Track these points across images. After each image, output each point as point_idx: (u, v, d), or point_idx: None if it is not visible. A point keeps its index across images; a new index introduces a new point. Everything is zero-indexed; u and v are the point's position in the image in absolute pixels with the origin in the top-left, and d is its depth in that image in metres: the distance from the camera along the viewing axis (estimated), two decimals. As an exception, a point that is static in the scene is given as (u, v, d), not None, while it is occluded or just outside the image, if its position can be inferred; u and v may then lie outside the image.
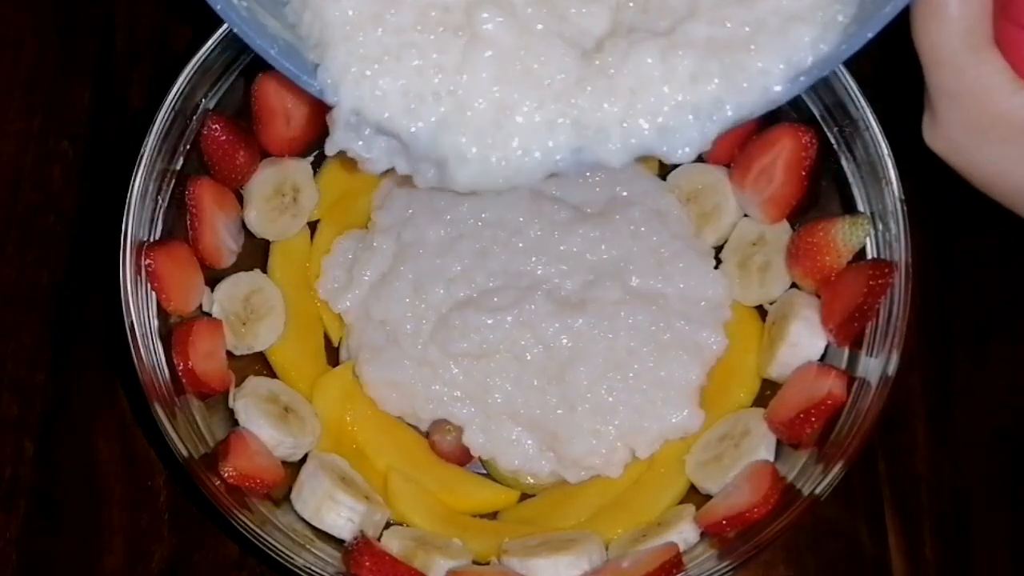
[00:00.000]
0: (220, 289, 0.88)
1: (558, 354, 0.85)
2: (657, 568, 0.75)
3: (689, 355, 0.86)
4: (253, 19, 0.62)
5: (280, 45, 0.62)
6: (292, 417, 0.85)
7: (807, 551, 0.89)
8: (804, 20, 0.59)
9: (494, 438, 0.87)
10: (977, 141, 0.60)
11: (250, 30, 0.62)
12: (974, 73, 0.58)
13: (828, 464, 0.77)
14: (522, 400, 0.86)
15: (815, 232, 0.84)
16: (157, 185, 0.83)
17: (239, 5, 0.62)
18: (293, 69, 0.62)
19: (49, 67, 1.04)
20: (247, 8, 0.62)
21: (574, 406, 0.85)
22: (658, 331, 0.86)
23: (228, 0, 0.61)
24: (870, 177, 0.82)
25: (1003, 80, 0.58)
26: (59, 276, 0.98)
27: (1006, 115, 0.58)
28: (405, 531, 0.83)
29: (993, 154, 0.60)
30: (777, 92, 0.60)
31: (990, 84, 0.58)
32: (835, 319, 0.82)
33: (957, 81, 0.59)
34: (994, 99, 0.58)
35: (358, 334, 0.89)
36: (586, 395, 0.85)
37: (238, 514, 0.76)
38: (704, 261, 0.89)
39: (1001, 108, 0.58)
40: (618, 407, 0.85)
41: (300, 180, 0.92)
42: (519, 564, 0.80)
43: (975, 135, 0.60)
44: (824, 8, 0.59)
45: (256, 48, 0.62)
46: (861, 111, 0.81)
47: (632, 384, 0.85)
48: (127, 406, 0.94)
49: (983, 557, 0.89)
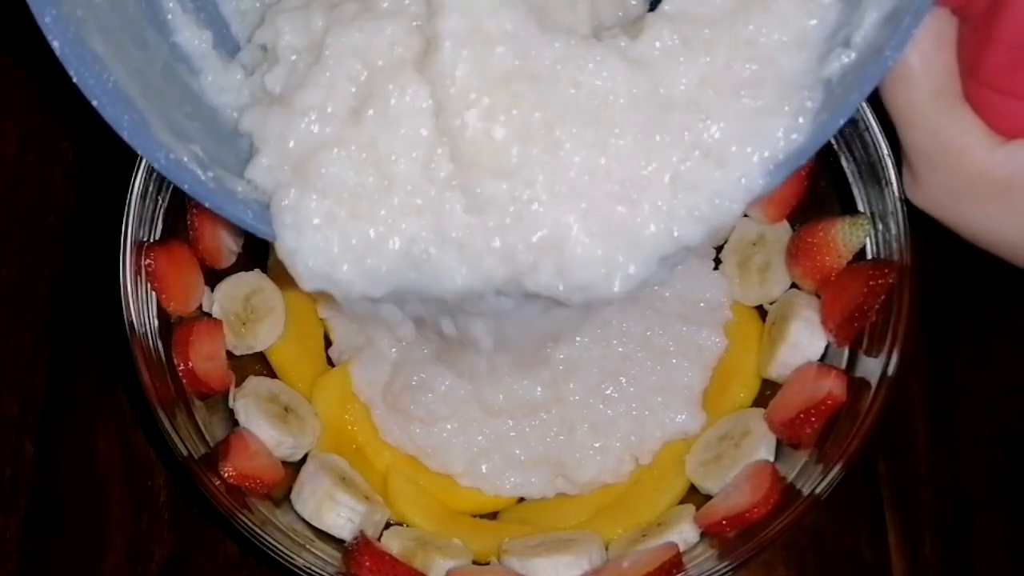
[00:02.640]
0: (220, 289, 0.88)
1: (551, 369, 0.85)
2: (657, 568, 0.75)
3: (690, 361, 0.86)
4: (220, 187, 0.61)
5: (254, 209, 0.61)
6: (292, 417, 0.85)
7: (807, 551, 0.89)
8: (773, 113, 0.58)
9: (496, 486, 0.87)
10: (959, 199, 0.60)
11: (222, 201, 0.60)
12: (949, 133, 0.58)
13: (828, 464, 0.77)
14: (519, 438, 0.85)
15: (815, 232, 0.84)
16: (157, 185, 0.83)
17: (207, 179, 0.60)
18: (268, 231, 0.61)
19: (49, 67, 1.04)
20: (214, 179, 0.61)
21: (573, 428, 0.85)
22: (654, 336, 0.86)
23: (196, 177, 0.60)
24: (870, 177, 0.82)
25: (979, 138, 0.58)
26: (59, 276, 0.98)
27: (985, 173, 0.58)
28: (405, 531, 0.84)
29: (975, 211, 0.60)
30: (756, 192, 0.58)
31: (966, 143, 0.58)
32: (835, 319, 0.82)
33: (933, 141, 0.59)
34: (971, 158, 0.58)
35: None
36: (583, 412, 0.85)
37: (238, 514, 0.76)
38: (703, 262, 0.89)
39: (980, 167, 0.58)
40: (618, 420, 0.85)
41: (300, 180, 0.92)
42: (519, 564, 0.80)
43: (956, 194, 0.60)
44: (790, 98, 0.58)
45: (231, 217, 0.61)
46: (861, 111, 0.81)
47: (631, 392, 0.85)
48: (127, 406, 0.94)
49: (983, 557, 0.89)
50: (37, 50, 0.60)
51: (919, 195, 0.62)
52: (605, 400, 0.85)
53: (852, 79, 0.56)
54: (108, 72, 0.57)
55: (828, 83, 0.58)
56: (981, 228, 0.61)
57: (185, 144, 0.60)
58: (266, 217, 0.61)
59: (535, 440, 0.85)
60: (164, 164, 0.58)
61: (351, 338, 0.89)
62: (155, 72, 0.63)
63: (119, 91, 0.57)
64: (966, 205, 0.60)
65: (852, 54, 0.57)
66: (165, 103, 0.61)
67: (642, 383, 0.85)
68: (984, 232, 0.62)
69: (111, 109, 0.57)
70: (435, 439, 0.86)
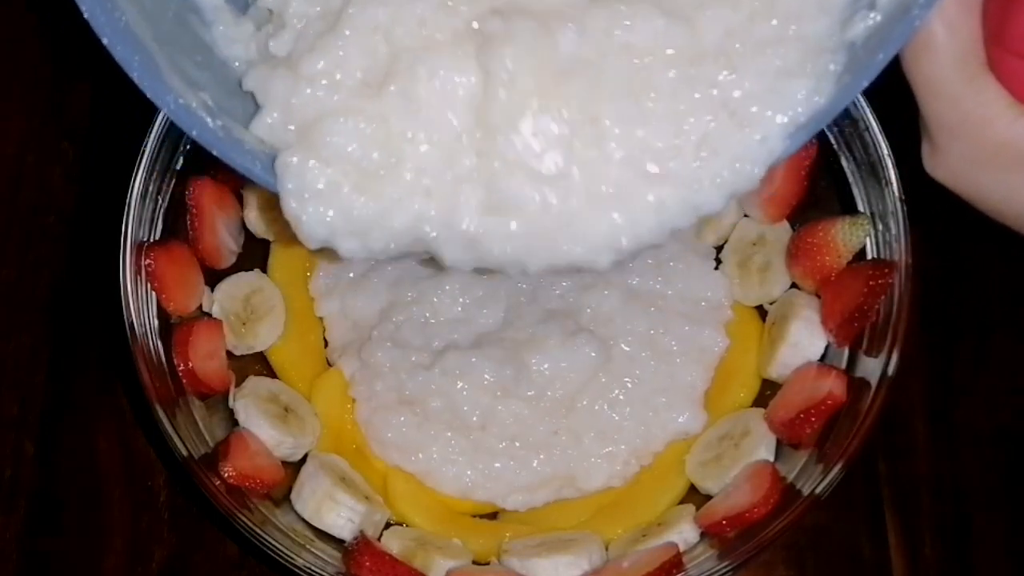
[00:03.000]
0: (220, 289, 0.88)
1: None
2: (657, 568, 0.75)
3: (692, 361, 0.86)
4: (229, 136, 0.60)
5: (262, 161, 0.60)
6: (292, 417, 0.85)
7: (807, 551, 0.89)
8: (794, 74, 0.57)
9: (502, 503, 0.86)
10: (980, 170, 0.59)
11: (229, 150, 0.59)
12: (972, 103, 0.57)
13: (828, 464, 0.77)
14: (526, 464, 0.85)
15: (815, 232, 0.84)
16: (157, 185, 0.83)
17: (215, 127, 0.59)
18: (276, 185, 0.59)
19: (49, 67, 1.05)
20: (223, 128, 0.60)
21: (580, 437, 0.85)
22: (657, 335, 0.86)
23: (204, 124, 0.59)
24: (870, 177, 0.82)
25: (1002, 108, 0.57)
26: (59, 276, 0.98)
27: (1008, 144, 0.57)
28: (405, 531, 0.83)
29: (997, 182, 0.59)
30: (777, 154, 0.57)
31: (989, 113, 0.57)
32: (835, 319, 0.82)
33: (955, 112, 0.57)
34: (995, 128, 0.57)
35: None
36: (591, 419, 0.85)
37: (238, 514, 0.76)
38: (704, 261, 0.89)
39: (1003, 137, 0.57)
40: (623, 424, 0.85)
41: (300, 180, 0.91)
42: (519, 564, 0.80)
43: (977, 165, 0.59)
44: (813, 60, 0.57)
45: (239, 167, 0.60)
46: (861, 111, 0.81)
47: (635, 394, 0.85)
48: (127, 406, 0.94)
49: (983, 557, 0.89)
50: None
51: (938, 167, 0.60)
52: (611, 403, 0.85)
53: (877, 41, 0.55)
54: (120, 12, 0.56)
55: (851, 46, 0.57)
56: (1001, 200, 0.60)
57: (195, 91, 0.59)
58: (274, 170, 0.60)
59: (544, 462, 0.85)
60: (173, 108, 0.57)
61: (345, 335, 0.89)
62: (167, 19, 0.61)
63: (130, 32, 0.56)
64: (986, 177, 0.59)
65: (877, 16, 0.56)
66: (176, 50, 0.60)
67: (647, 384, 0.85)
68: (1003, 205, 0.60)
69: (122, 49, 0.56)
70: (427, 464, 0.86)
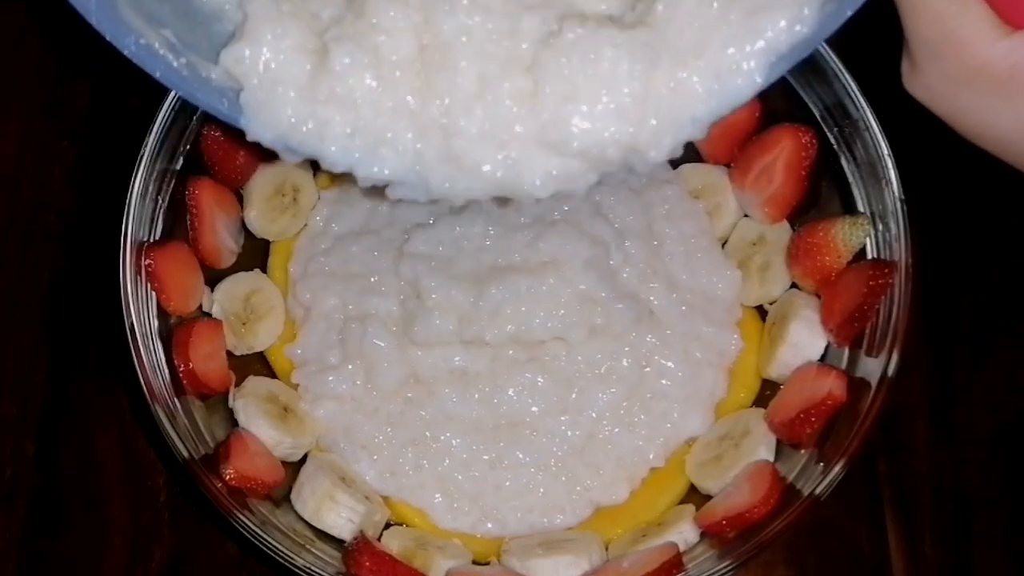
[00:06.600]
0: (220, 289, 0.88)
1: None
2: (657, 568, 0.75)
3: (714, 368, 0.86)
4: (194, 75, 0.59)
5: (229, 98, 0.59)
6: (291, 417, 0.85)
7: (807, 551, 0.89)
8: (775, 3, 0.56)
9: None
10: (958, 90, 0.58)
11: (195, 90, 0.59)
12: (955, 21, 0.56)
13: (828, 464, 0.77)
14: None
15: (815, 232, 0.84)
16: (157, 185, 0.83)
17: (179, 66, 0.59)
18: (243, 122, 0.59)
19: (49, 67, 1.04)
20: (187, 65, 0.59)
21: (599, 468, 0.84)
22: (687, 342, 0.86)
23: (168, 64, 0.58)
24: (870, 177, 0.82)
25: (985, 27, 0.56)
26: (59, 276, 0.98)
27: (988, 65, 0.56)
28: (405, 531, 0.83)
29: (975, 103, 0.58)
30: (758, 83, 0.57)
31: (971, 32, 0.56)
32: (835, 319, 0.82)
33: (937, 29, 0.56)
34: (976, 47, 0.56)
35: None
36: (609, 447, 0.84)
37: (238, 514, 0.76)
38: (726, 260, 0.90)
39: (982, 58, 0.56)
40: (637, 441, 0.85)
41: (300, 180, 0.92)
42: (519, 564, 0.80)
43: (957, 84, 0.58)
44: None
45: (204, 106, 0.59)
46: (861, 111, 0.81)
47: (655, 409, 0.85)
48: (127, 406, 0.94)
49: (983, 557, 0.89)
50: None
51: (917, 85, 0.60)
52: (628, 422, 0.85)
53: None
54: None
55: None
56: (977, 123, 0.59)
57: (156, 29, 0.58)
58: (240, 106, 0.59)
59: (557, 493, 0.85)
60: (134, 51, 0.57)
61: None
62: None
63: None
64: (965, 97, 0.58)
65: None
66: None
67: (668, 396, 0.85)
68: (980, 128, 0.59)
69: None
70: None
